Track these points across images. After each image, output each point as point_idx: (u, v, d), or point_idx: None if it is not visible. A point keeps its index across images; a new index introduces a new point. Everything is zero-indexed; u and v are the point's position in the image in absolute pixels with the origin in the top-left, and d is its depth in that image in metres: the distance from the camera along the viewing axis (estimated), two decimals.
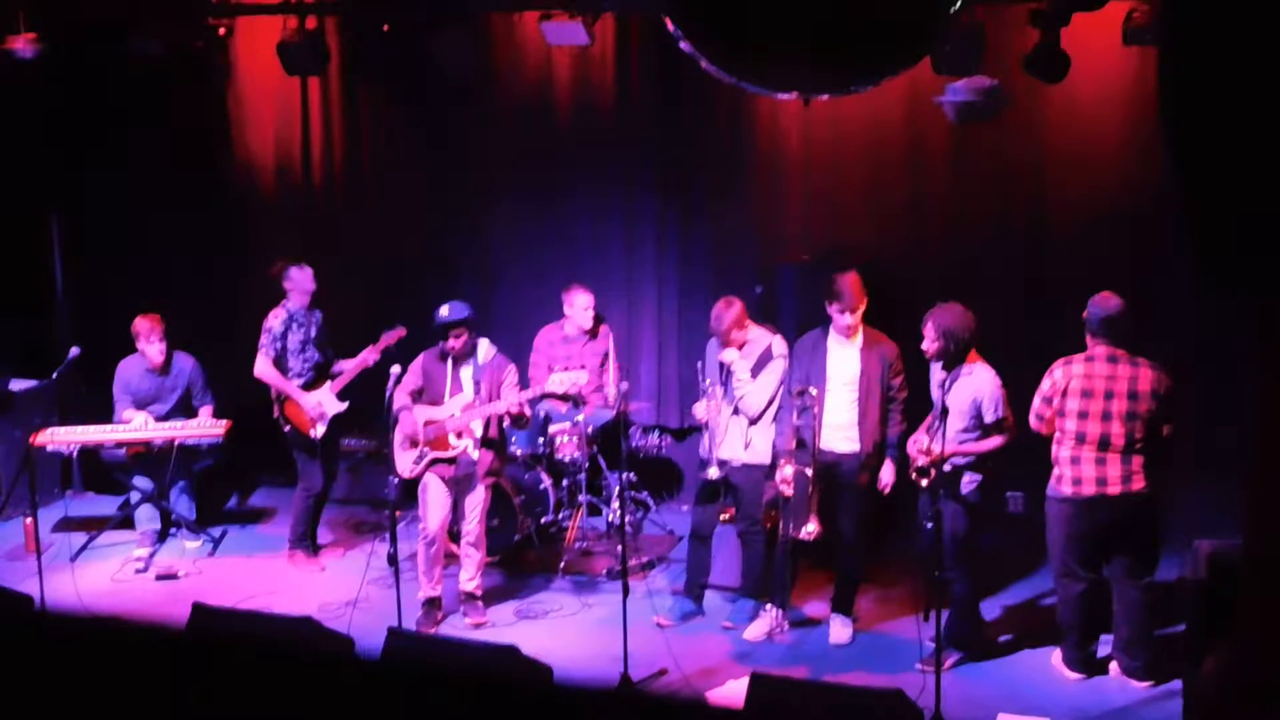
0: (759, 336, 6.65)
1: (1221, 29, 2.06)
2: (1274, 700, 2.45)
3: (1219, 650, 4.87)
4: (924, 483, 6.04)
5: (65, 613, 6.29)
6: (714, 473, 6.69)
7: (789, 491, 6.38)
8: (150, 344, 7.91)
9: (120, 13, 8.02)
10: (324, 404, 7.53)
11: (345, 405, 7.58)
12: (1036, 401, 5.97)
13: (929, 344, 6.09)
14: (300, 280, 7.49)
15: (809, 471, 6.33)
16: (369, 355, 7.51)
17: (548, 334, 8.22)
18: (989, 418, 6.04)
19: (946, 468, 6.04)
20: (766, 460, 6.64)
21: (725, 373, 6.66)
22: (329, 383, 7.56)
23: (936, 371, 6.22)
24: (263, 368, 7.45)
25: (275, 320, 7.45)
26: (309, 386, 7.54)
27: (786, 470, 6.40)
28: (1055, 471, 5.97)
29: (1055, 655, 6.22)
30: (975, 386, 6.05)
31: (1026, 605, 7.02)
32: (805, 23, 2.76)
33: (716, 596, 7.04)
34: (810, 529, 6.30)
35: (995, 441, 6.08)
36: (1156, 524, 6.03)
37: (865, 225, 8.05)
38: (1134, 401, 5.76)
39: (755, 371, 6.57)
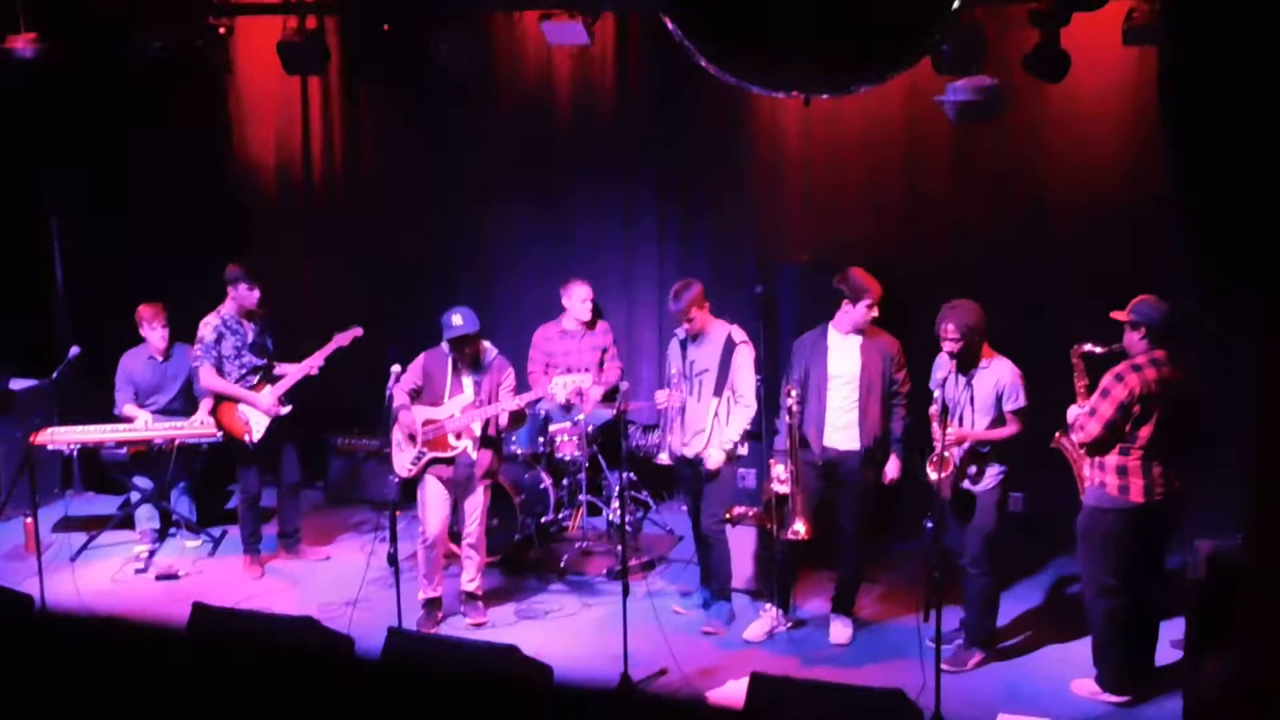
0: (717, 326, 6.64)
1: (1221, 29, 2.06)
2: (1274, 701, 2.45)
3: (1219, 651, 4.87)
4: (938, 475, 6.00)
5: (65, 613, 6.29)
6: (665, 458, 6.82)
7: (783, 490, 6.37)
8: (153, 329, 7.94)
9: (120, 13, 8.01)
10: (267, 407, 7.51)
11: (288, 409, 7.54)
12: (1110, 411, 5.64)
13: (951, 344, 6.06)
14: (245, 297, 7.43)
15: (796, 470, 6.31)
16: (315, 359, 7.50)
17: (545, 331, 8.21)
18: (1010, 405, 6.04)
19: (956, 455, 6.05)
20: (743, 452, 6.68)
21: (690, 366, 6.66)
22: (270, 386, 7.52)
23: (937, 371, 6.22)
24: (209, 379, 7.41)
25: (206, 329, 7.39)
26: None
27: (779, 469, 6.39)
28: (1116, 481, 5.73)
29: (1084, 684, 5.98)
30: (996, 376, 6.06)
31: (1026, 605, 7.01)
32: (806, 22, 2.76)
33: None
34: (798, 529, 6.28)
35: (1013, 429, 6.07)
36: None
37: (865, 225, 8.05)
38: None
39: (724, 368, 6.55)
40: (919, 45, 3.03)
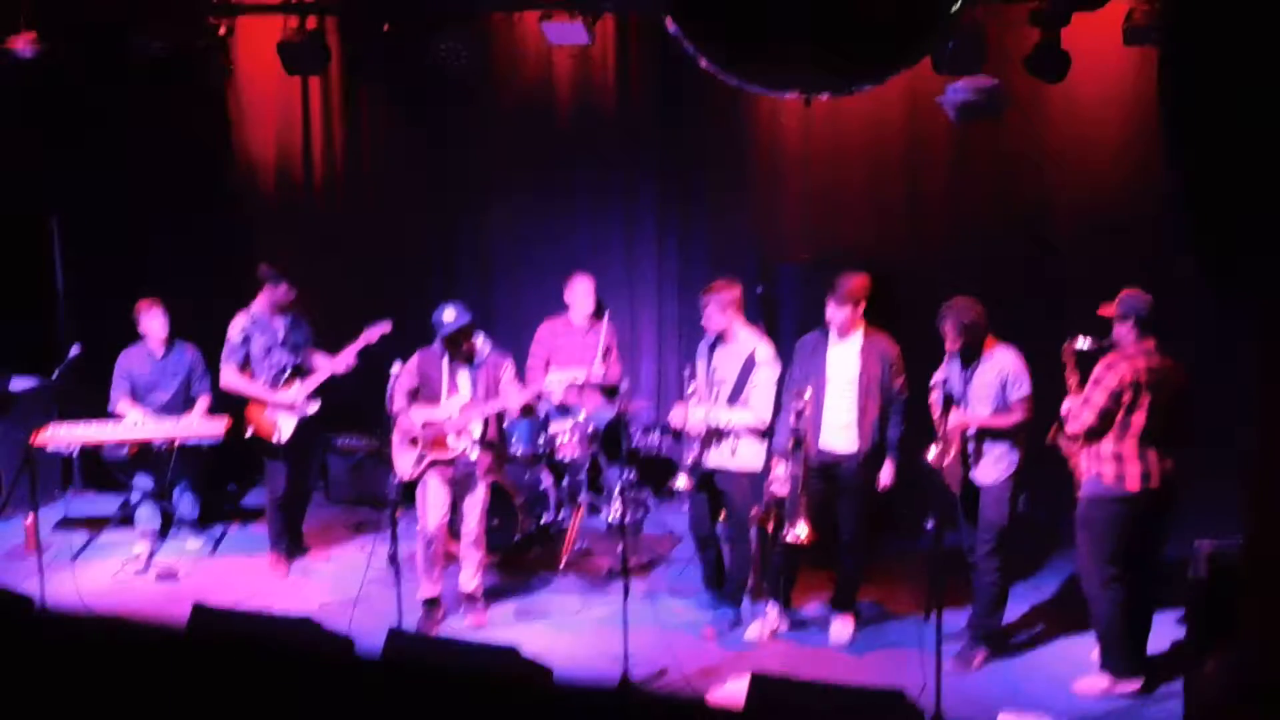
0: (745, 338, 6.59)
1: (1221, 29, 2.06)
2: (1274, 700, 2.45)
3: (1220, 650, 4.87)
4: (939, 463, 5.99)
5: (65, 613, 6.28)
6: (682, 483, 6.68)
7: (782, 492, 6.37)
8: (152, 319, 7.88)
9: (120, 13, 8.02)
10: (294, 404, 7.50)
11: (316, 406, 7.53)
12: (1103, 398, 5.73)
13: (951, 343, 6.08)
14: (283, 296, 7.41)
15: (799, 473, 6.31)
16: (346, 354, 7.45)
17: (551, 326, 8.20)
18: (1014, 394, 6.04)
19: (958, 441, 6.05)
20: (755, 467, 6.64)
21: (713, 372, 6.63)
22: (299, 382, 7.51)
23: (940, 372, 6.21)
24: (228, 378, 7.41)
25: (234, 329, 7.38)
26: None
27: (779, 470, 6.39)
28: (1112, 470, 5.78)
29: (1091, 682, 5.99)
30: (999, 366, 6.06)
31: (1027, 604, 7.00)
32: (806, 22, 2.76)
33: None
34: (800, 532, 6.27)
35: (1019, 416, 6.06)
36: None
37: (865, 225, 8.05)
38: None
39: (740, 385, 6.53)
40: (919, 45, 3.03)
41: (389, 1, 8.20)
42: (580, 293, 8.09)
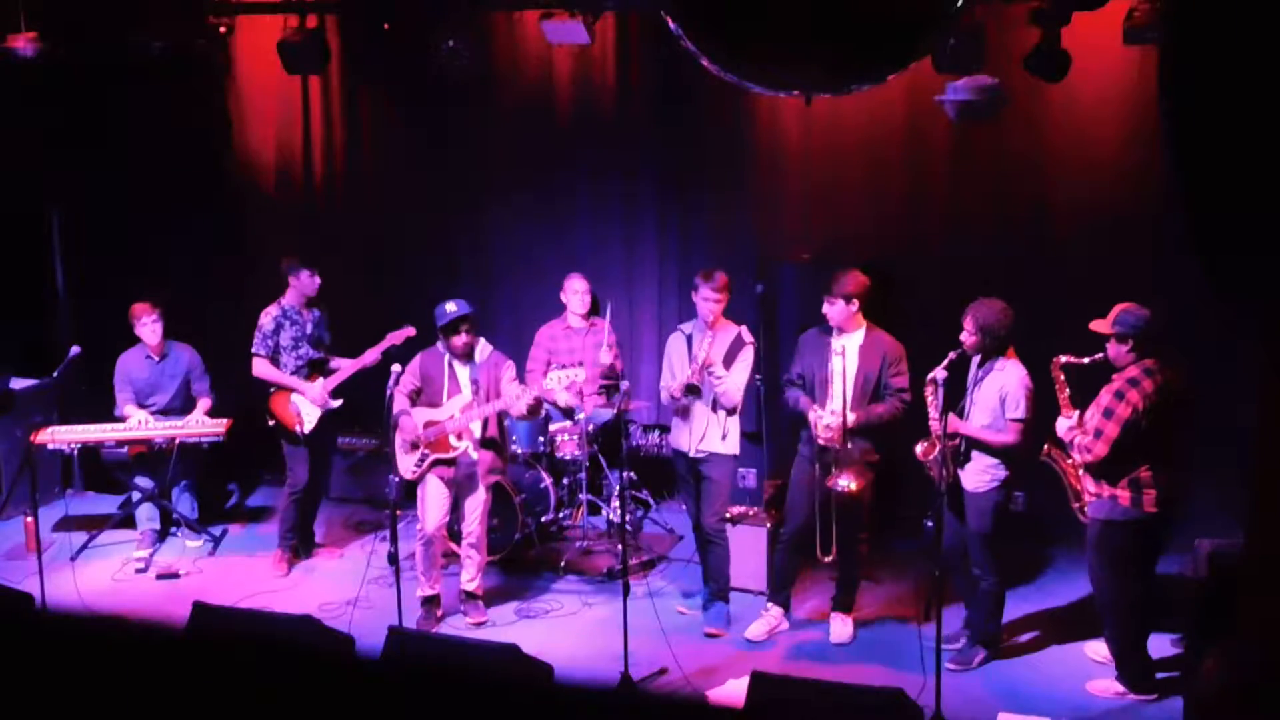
0: (727, 323, 6.66)
1: (1221, 29, 2.06)
2: (1274, 700, 2.45)
3: (1219, 651, 4.88)
4: (927, 457, 5.98)
5: (65, 612, 6.29)
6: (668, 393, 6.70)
7: (830, 441, 6.28)
8: (144, 325, 7.92)
9: (120, 13, 8.02)
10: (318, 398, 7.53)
11: (339, 403, 7.57)
12: (1117, 431, 5.62)
13: (966, 337, 6.04)
14: (307, 284, 7.50)
15: (839, 427, 6.23)
16: (370, 355, 7.49)
17: (550, 329, 8.21)
18: (1010, 414, 5.99)
19: (959, 453, 6.03)
20: (737, 451, 6.70)
21: (696, 360, 6.63)
22: (322, 379, 7.54)
23: (940, 369, 6.21)
24: (261, 368, 7.46)
25: (267, 319, 7.44)
26: None
27: (828, 419, 6.29)
28: (1128, 494, 5.71)
29: (1105, 685, 5.99)
30: (1003, 381, 6.01)
31: (1026, 605, 7.00)
32: (806, 22, 2.76)
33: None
34: (846, 483, 6.20)
35: (1009, 437, 6.00)
36: None
37: (865, 224, 8.05)
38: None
39: (729, 361, 6.55)
40: (920, 45, 3.03)
41: (389, 1, 8.20)
42: (570, 290, 8.10)
